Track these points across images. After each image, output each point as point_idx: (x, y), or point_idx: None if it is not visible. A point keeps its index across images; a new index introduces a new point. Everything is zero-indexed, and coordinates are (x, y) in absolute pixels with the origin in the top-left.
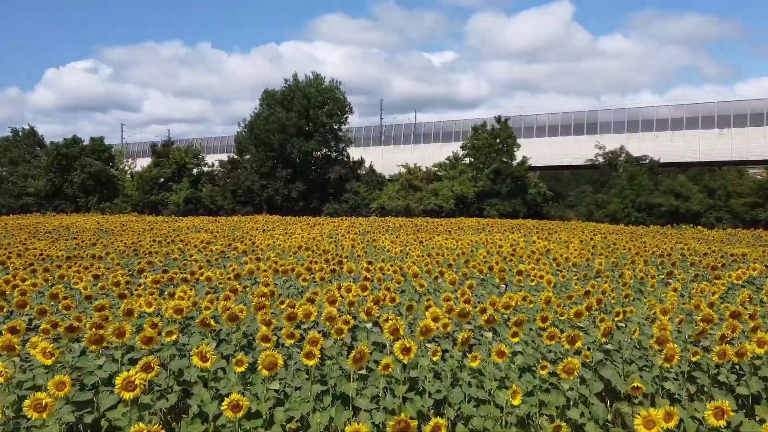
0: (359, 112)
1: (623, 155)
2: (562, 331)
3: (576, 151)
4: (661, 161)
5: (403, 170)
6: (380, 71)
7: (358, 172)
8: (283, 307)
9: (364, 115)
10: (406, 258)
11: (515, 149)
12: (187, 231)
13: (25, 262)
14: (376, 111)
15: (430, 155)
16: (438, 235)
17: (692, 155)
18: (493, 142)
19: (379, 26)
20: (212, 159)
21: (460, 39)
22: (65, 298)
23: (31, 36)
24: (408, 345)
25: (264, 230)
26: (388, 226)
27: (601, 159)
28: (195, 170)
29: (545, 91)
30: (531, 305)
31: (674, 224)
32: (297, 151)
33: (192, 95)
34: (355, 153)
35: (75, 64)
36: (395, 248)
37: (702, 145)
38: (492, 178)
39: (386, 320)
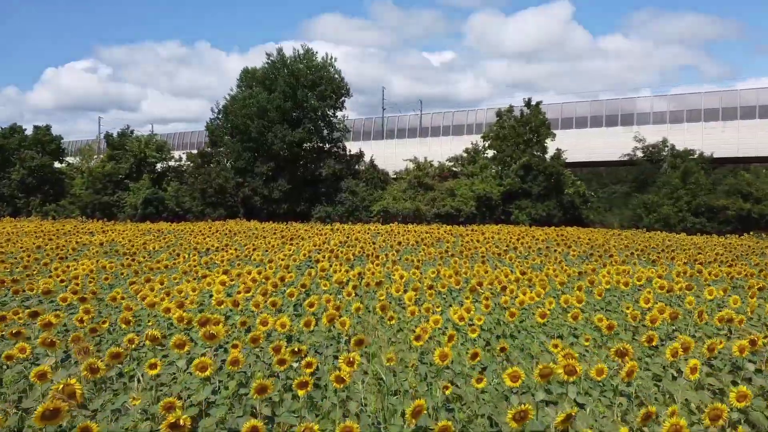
0: (358, 112)
1: (667, 149)
2: None
3: (606, 145)
4: (714, 156)
5: (411, 165)
6: (379, 71)
7: (357, 168)
8: None
9: (363, 115)
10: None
11: (549, 139)
12: (96, 249)
13: None
14: (375, 111)
15: (439, 150)
16: (483, 260)
17: (747, 150)
18: (521, 130)
19: (377, 26)
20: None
21: (458, 39)
22: None
23: (29, 35)
24: None
25: (209, 250)
26: (399, 242)
27: (640, 154)
28: (159, 166)
29: (545, 91)
30: None
31: (748, 232)
32: (280, 142)
33: (191, 95)
34: (353, 148)
35: (74, 63)
36: (441, 341)
37: (763, 137)
38: (521, 175)
39: None
